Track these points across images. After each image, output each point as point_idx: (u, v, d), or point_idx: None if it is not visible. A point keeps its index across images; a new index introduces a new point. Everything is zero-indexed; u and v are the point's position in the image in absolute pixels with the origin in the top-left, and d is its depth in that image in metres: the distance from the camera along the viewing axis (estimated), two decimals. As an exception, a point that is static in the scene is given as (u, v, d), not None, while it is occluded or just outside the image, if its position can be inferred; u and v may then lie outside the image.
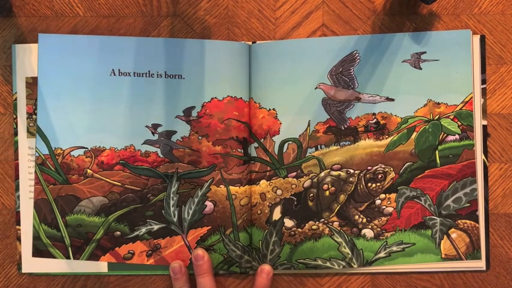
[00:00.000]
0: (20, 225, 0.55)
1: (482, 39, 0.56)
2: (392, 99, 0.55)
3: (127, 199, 0.55)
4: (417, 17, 0.56)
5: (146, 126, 0.55)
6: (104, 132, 0.55)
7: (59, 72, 0.54)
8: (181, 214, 0.55)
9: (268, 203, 0.55)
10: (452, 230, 0.55)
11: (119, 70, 0.55)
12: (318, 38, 0.56)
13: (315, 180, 0.55)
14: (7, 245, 0.56)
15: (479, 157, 0.56)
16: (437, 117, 0.55)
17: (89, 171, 0.55)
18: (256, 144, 0.55)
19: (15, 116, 0.56)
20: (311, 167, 0.55)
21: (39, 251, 0.55)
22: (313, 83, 0.55)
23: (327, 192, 0.55)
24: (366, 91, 0.55)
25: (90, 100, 0.54)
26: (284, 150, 0.55)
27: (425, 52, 0.55)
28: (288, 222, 0.55)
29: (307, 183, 0.55)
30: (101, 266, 0.55)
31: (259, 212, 0.55)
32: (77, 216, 0.55)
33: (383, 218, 0.55)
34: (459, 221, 0.55)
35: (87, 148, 0.55)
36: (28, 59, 0.55)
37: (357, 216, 0.56)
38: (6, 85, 0.56)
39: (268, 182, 0.55)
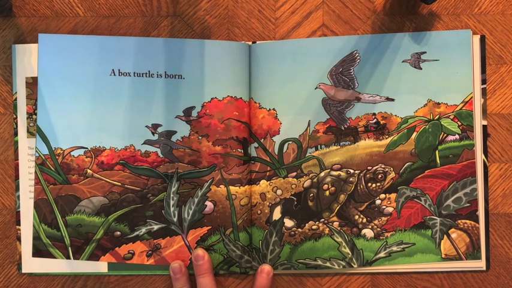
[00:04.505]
0: (20, 225, 0.55)
1: (482, 39, 0.56)
2: (392, 99, 0.55)
3: (127, 199, 0.55)
4: (417, 17, 0.56)
5: (146, 126, 0.55)
6: (104, 132, 0.55)
7: (59, 72, 0.54)
8: (181, 214, 0.55)
9: (268, 203, 0.55)
10: (452, 230, 0.55)
11: (119, 70, 0.55)
12: (318, 38, 0.56)
13: (315, 180, 0.55)
14: (7, 245, 0.56)
15: (479, 157, 0.56)
16: (437, 117, 0.55)
17: (89, 171, 0.55)
18: (256, 144, 0.55)
19: (15, 116, 0.56)
20: (311, 167, 0.55)
21: (39, 251, 0.55)
22: (313, 83, 0.55)
23: (327, 192, 0.55)
24: (366, 91, 0.55)
25: (90, 100, 0.54)
26: (284, 150, 0.55)
27: (425, 52, 0.55)
28: (288, 222, 0.55)
29: (307, 183, 0.55)
30: (101, 266, 0.55)
31: (259, 212, 0.55)
32: (77, 216, 0.55)
33: (383, 218, 0.55)
34: (459, 221, 0.55)
35: (87, 148, 0.55)
36: (28, 59, 0.55)
37: (356, 216, 0.56)
38: (6, 85, 0.56)
39: (268, 182, 0.55)
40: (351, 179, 0.55)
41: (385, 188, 0.55)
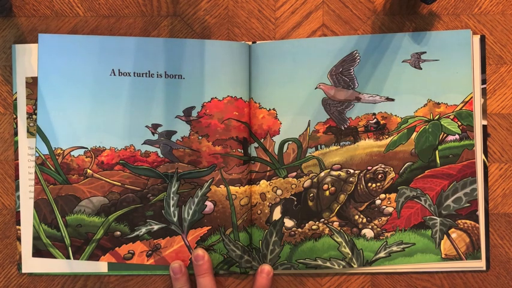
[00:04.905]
0: (20, 225, 0.55)
1: (482, 39, 0.56)
2: (392, 99, 0.55)
3: (127, 199, 0.55)
4: (417, 17, 0.56)
5: (146, 126, 0.55)
6: (104, 132, 0.55)
7: (59, 72, 0.54)
8: (181, 214, 0.55)
9: (268, 203, 0.55)
10: (452, 230, 0.55)
11: (119, 70, 0.55)
12: (318, 38, 0.56)
13: (315, 180, 0.55)
14: (7, 245, 0.56)
15: (479, 157, 0.56)
16: (437, 117, 0.55)
17: (89, 171, 0.55)
18: (256, 144, 0.55)
19: (15, 116, 0.56)
20: (311, 167, 0.55)
21: (39, 251, 0.55)
22: (313, 83, 0.55)
23: (327, 192, 0.55)
24: (366, 91, 0.55)
25: (90, 100, 0.54)
26: (284, 150, 0.55)
27: (425, 52, 0.55)
28: (288, 222, 0.55)
29: (307, 183, 0.55)
30: (101, 266, 0.55)
31: (259, 212, 0.55)
32: (77, 216, 0.55)
33: (383, 218, 0.55)
34: (459, 221, 0.55)
35: (87, 148, 0.55)
36: (28, 59, 0.55)
37: (356, 216, 0.56)
38: (6, 85, 0.56)
39: (268, 182, 0.55)
40: (351, 179, 0.55)
41: (385, 188, 0.55)
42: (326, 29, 0.56)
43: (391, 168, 0.55)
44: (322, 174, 0.55)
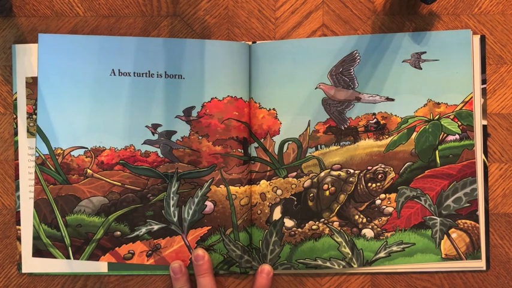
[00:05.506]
0: (20, 225, 0.55)
1: (482, 39, 0.56)
2: (392, 99, 0.55)
3: (127, 199, 0.55)
4: (417, 17, 0.56)
5: (146, 126, 0.55)
6: (104, 132, 0.55)
7: (59, 72, 0.54)
8: (181, 214, 0.55)
9: (268, 203, 0.55)
10: (453, 230, 0.55)
11: (119, 70, 0.55)
12: (318, 38, 0.56)
13: (315, 180, 0.55)
14: (7, 245, 0.56)
15: (479, 157, 0.56)
16: (437, 117, 0.55)
17: (89, 171, 0.55)
18: (256, 144, 0.55)
19: (15, 116, 0.56)
20: (311, 167, 0.55)
21: (39, 251, 0.55)
22: (313, 83, 0.55)
23: (327, 192, 0.55)
24: (366, 91, 0.55)
25: (90, 100, 0.54)
26: (284, 150, 0.55)
27: (425, 52, 0.55)
28: (288, 222, 0.55)
29: (307, 183, 0.55)
30: (101, 266, 0.55)
31: (259, 212, 0.55)
32: (77, 216, 0.55)
33: (383, 218, 0.55)
34: (459, 221, 0.55)
35: (87, 148, 0.55)
36: (28, 59, 0.55)
37: (357, 216, 0.56)
38: (6, 85, 0.56)
39: (268, 182, 0.55)
40: (351, 179, 0.55)
41: (385, 188, 0.55)
42: (326, 29, 0.56)
43: (391, 168, 0.55)
44: (322, 174, 0.55)
